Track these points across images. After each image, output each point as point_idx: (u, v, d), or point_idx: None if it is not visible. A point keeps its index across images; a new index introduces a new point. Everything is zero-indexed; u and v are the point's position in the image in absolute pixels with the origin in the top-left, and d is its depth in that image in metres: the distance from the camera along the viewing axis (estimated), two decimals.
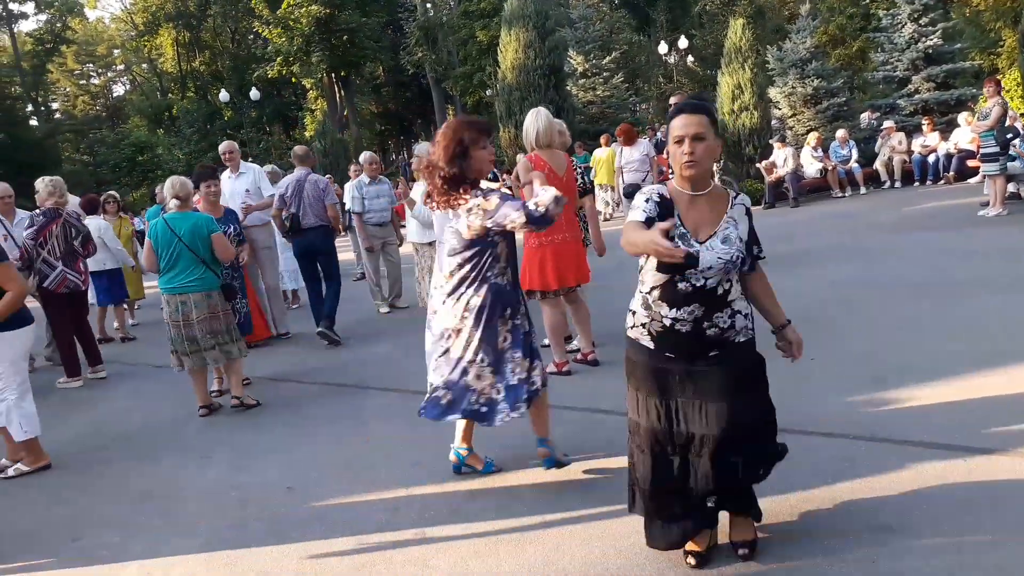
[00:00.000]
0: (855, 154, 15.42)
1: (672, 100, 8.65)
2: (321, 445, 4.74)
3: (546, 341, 5.52)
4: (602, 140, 16.32)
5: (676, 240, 2.61)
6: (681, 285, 2.67)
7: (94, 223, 8.56)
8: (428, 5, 38.21)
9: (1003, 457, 3.47)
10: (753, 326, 2.81)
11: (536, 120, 5.30)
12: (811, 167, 15.35)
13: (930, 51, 17.30)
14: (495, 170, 8.14)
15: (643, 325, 2.79)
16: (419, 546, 3.34)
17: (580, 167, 5.81)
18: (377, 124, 48.65)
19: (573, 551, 3.14)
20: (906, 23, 17.62)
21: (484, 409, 3.64)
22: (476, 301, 3.59)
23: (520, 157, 5.47)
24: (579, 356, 5.68)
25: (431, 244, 6.72)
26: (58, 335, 7.25)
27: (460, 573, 3.08)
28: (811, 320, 6.00)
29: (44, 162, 35.54)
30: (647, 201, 2.70)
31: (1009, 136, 10.89)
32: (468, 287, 3.61)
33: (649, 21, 36.88)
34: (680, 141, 2.64)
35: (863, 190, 15.17)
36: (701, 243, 2.66)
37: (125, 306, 9.98)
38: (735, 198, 2.78)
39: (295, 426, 5.18)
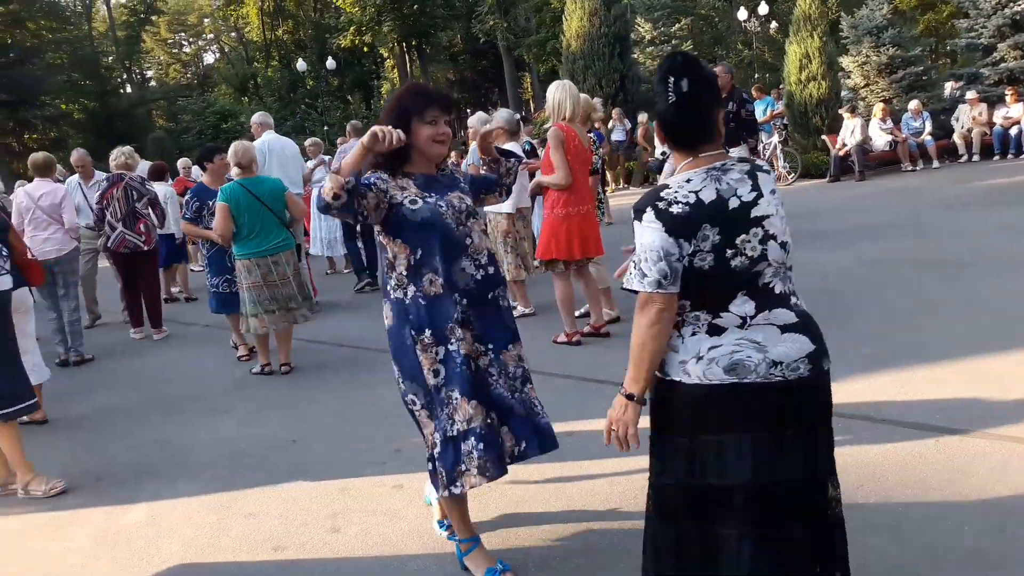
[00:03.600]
0: (928, 126, 14.81)
1: (717, 70, 8.51)
2: (331, 404, 5.04)
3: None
4: None
5: None
6: None
7: (161, 189, 9.05)
8: None
9: (971, 439, 3.47)
10: None
11: (568, 93, 5.41)
12: (879, 139, 14.83)
13: (1018, 17, 16.37)
14: (531, 140, 8.14)
15: None
16: (395, 497, 3.58)
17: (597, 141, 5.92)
18: (454, 93, 48.98)
19: (532, 506, 3.33)
20: None
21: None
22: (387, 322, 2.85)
23: (548, 127, 5.54)
24: (589, 327, 5.80)
25: (504, 216, 6.56)
26: (123, 290, 7.79)
27: (425, 522, 3.30)
28: (829, 297, 5.97)
29: (134, 130, 37.10)
30: None
31: None
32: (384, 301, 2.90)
33: None
34: None
35: (936, 163, 14.59)
36: None
37: (191, 268, 10.58)
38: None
39: (311, 387, 5.48)
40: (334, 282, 9.53)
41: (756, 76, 34.91)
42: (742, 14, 30.25)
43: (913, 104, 14.94)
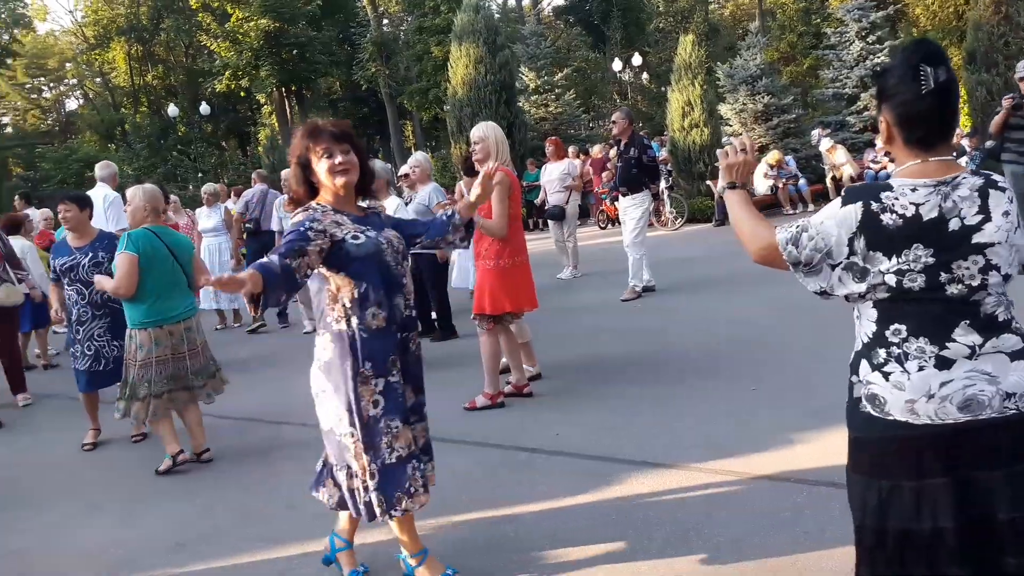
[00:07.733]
0: (793, 171, 15.43)
1: (613, 117, 8.47)
2: (222, 491, 4.37)
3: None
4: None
5: None
6: None
7: (17, 244, 8.07)
8: (384, 21, 37.95)
9: None
10: None
11: (499, 134, 5.07)
12: (762, 184, 15.30)
13: (878, 68, 17.45)
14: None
15: None
16: None
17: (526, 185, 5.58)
18: None
19: None
20: (854, 41, 17.79)
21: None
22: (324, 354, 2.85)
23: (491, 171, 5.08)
24: (510, 387, 5.38)
25: None
26: None
27: None
28: (751, 346, 5.82)
29: None
30: None
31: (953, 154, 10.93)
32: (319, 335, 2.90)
33: (604, 38, 37.03)
34: None
35: (811, 207, 15.14)
36: None
37: (53, 331, 9.45)
38: None
39: (196, 468, 4.76)
40: (229, 337, 8.69)
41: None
42: (617, 65, 31.22)
43: (773, 155, 15.30)
